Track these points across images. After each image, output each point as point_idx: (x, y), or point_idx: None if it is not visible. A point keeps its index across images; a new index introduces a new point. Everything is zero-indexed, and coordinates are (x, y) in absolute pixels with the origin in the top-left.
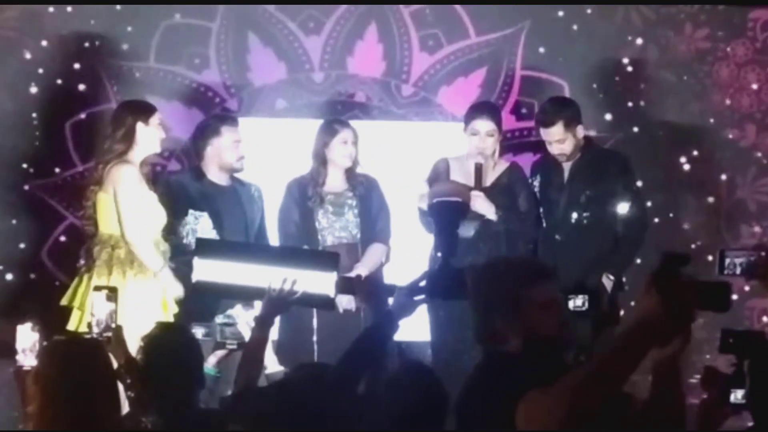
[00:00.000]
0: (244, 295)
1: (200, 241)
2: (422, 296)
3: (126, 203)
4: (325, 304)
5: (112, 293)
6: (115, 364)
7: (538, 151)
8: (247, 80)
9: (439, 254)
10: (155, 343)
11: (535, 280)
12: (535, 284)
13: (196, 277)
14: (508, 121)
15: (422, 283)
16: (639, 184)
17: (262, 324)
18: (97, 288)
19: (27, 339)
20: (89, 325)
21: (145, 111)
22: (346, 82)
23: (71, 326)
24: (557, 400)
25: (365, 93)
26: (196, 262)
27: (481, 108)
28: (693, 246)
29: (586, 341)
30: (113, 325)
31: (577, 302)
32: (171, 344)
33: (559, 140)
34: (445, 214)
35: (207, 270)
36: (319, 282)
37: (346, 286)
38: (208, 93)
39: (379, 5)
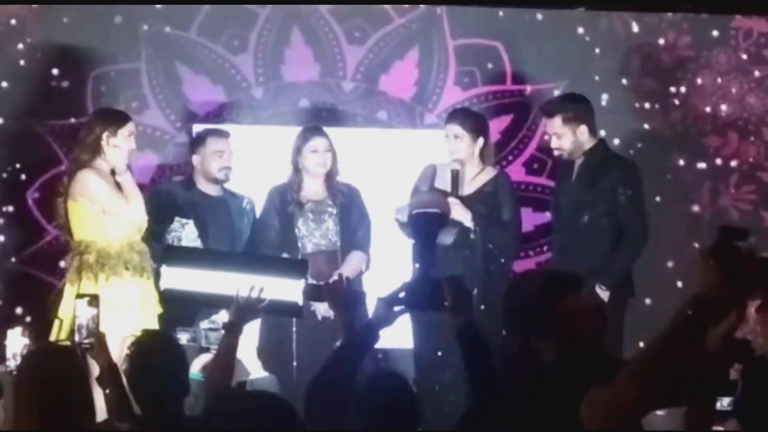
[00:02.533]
0: (213, 303)
1: (168, 249)
2: (401, 307)
3: (84, 208)
4: (294, 311)
5: (94, 299)
6: (97, 371)
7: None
8: (278, 72)
9: (417, 265)
10: (141, 352)
11: (568, 291)
12: (568, 295)
13: (164, 284)
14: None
15: (401, 294)
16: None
17: (231, 331)
18: (80, 295)
19: (16, 344)
20: (72, 332)
21: (114, 122)
22: (372, 96)
23: (52, 336)
24: (620, 391)
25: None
26: (164, 269)
27: (452, 112)
28: (675, 254)
29: None
30: (95, 332)
31: None
32: (157, 353)
33: (555, 134)
34: (423, 225)
35: (175, 278)
36: (287, 289)
37: (314, 293)
38: (237, 76)
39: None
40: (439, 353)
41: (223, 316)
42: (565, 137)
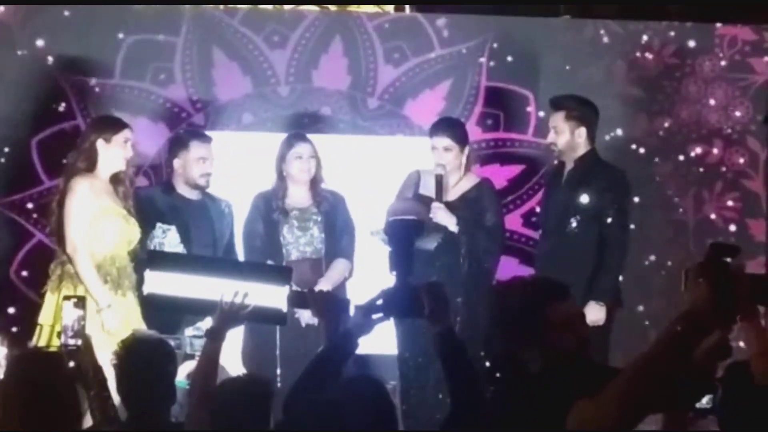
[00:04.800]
0: (196, 308)
1: (152, 254)
2: (380, 315)
3: (69, 216)
4: (277, 318)
5: (80, 301)
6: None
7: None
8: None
9: (394, 273)
10: (130, 354)
11: (552, 300)
12: (552, 304)
13: (147, 289)
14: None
15: (379, 302)
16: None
17: (214, 337)
18: (66, 297)
19: None
20: (58, 334)
21: (108, 129)
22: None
23: (33, 343)
24: (608, 404)
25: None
26: (148, 274)
27: (438, 124)
28: (660, 261)
29: None
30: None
31: None
32: (146, 356)
33: (555, 128)
34: (400, 232)
35: (158, 283)
36: (272, 296)
37: (298, 300)
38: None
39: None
40: (423, 357)
41: (208, 324)
42: (562, 134)
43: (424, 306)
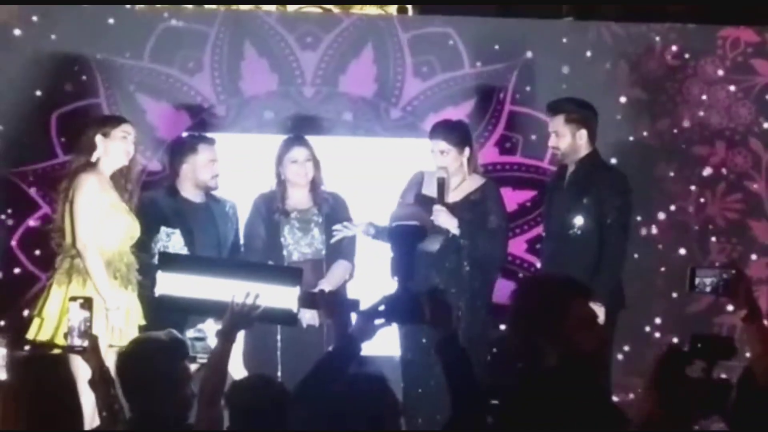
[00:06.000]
0: (207, 309)
1: (163, 255)
2: (382, 320)
3: (79, 212)
4: (288, 319)
5: (87, 302)
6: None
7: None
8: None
9: (396, 278)
10: (137, 353)
11: (577, 297)
12: (577, 301)
13: (159, 291)
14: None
15: (381, 307)
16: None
17: (225, 338)
18: (73, 298)
19: None
20: (64, 335)
21: (107, 123)
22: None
23: (30, 335)
24: None
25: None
26: (159, 275)
27: (434, 128)
28: (662, 263)
29: None
30: (88, 335)
31: None
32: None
33: (555, 132)
34: (403, 238)
35: (170, 284)
36: (282, 297)
37: (309, 300)
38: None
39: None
40: (425, 358)
41: (209, 326)
42: (563, 137)
43: (424, 312)
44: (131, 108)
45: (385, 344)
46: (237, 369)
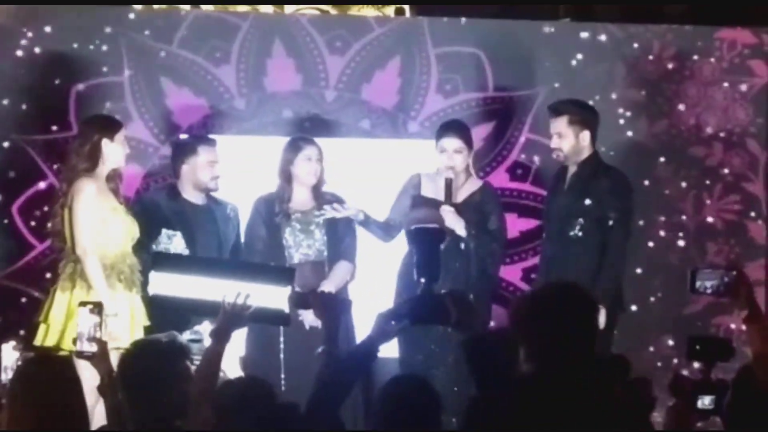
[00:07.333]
0: (199, 309)
1: (157, 255)
2: (404, 322)
3: (78, 218)
4: (280, 319)
5: (96, 307)
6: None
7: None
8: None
9: (422, 280)
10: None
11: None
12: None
13: (152, 290)
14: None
15: (404, 309)
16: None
17: (218, 338)
18: (83, 303)
19: (9, 357)
20: (74, 340)
21: (110, 127)
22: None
23: (37, 341)
24: None
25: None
26: (152, 275)
27: (449, 126)
28: (660, 264)
29: None
30: (98, 340)
31: None
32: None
33: (558, 133)
34: (425, 240)
35: (163, 283)
36: (274, 297)
37: (300, 300)
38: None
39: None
40: (425, 359)
41: (206, 327)
42: (566, 139)
43: (449, 313)
44: (152, 90)
45: (385, 345)
46: (233, 370)
